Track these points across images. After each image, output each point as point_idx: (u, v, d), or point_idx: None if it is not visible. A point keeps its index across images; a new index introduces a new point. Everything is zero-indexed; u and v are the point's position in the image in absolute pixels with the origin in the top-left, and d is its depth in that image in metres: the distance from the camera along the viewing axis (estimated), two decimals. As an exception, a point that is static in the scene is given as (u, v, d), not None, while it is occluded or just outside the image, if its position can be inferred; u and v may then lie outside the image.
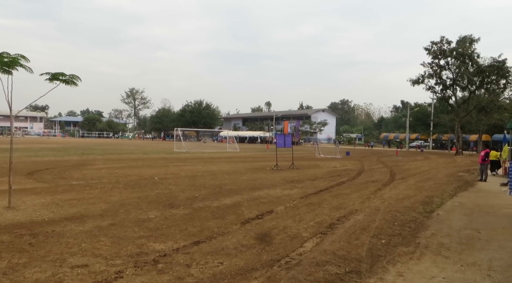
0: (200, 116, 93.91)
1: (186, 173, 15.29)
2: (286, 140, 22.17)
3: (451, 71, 44.24)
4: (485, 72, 41.85)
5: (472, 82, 43.71)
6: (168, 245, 5.26)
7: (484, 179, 15.03)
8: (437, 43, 43.24)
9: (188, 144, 45.18)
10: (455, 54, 42.68)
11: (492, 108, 43.72)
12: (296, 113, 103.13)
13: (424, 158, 34.23)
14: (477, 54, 42.67)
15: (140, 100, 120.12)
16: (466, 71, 42.65)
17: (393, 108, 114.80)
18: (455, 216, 7.90)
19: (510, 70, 41.32)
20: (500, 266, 4.72)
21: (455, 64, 43.43)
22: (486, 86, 43.66)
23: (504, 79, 42.36)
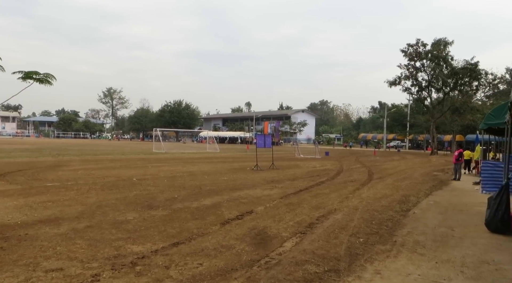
0: (180, 116, 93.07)
1: (165, 173, 15.12)
2: (266, 141, 22.26)
3: (426, 73, 45.47)
4: (459, 74, 43.20)
5: (446, 84, 45.02)
6: (146, 247, 5.18)
7: (458, 178, 15.48)
8: (413, 45, 44.35)
9: (167, 144, 44.68)
10: (430, 57, 43.90)
11: (465, 110, 45.16)
12: (276, 114, 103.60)
13: (401, 158, 34.99)
14: (451, 57, 44.07)
15: (118, 100, 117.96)
16: (440, 73, 43.90)
17: (371, 109, 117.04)
18: (430, 214, 8.10)
19: (482, 72, 42.80)
20: (472, 262, 4.87)
21: (430, 66, 44.65)
22: (459, 88, 45.06)
23: (476, 81, 43.86)
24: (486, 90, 47.27)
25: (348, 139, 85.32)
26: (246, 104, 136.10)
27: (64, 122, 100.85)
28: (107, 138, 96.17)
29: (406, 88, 47.05)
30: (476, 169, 17.97)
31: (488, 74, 43.57)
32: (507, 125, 7.05)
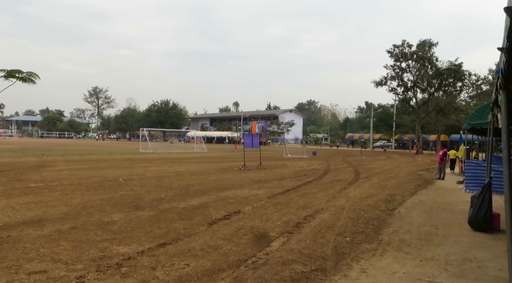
0: (167, 116, 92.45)
1: (152, 174, 15.00)
2: (253, 141, 22.24)
3: (412, 73, 46.12)
4: (443, 75, 43.94)
5: (431, 84, 45.73)
6: (132, 247, 5.13)
7: (442, 177, 15.73)
8: (398, 46, 44.94)
9: (154, 144, 44.32)
10: (415, 57, 44.56)
11: (449, 110, 45.95)
12: (263, 114, 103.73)
13: (387, 158, 35.40)
14: (436, 58, 44.83)
15: (104, 100, 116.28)
16: (425, 74, 44.60)
17: (358, 109, 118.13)
18: (415, 213, 8.22)
19: (466, 73, 43.62)
20: (456, 260, 4.96)
21: (416, 67, 45.32)
22: (444, 88, 45.82)
23: (460, 82, 44.68)
24: (469, 91, 48.28)
25: (335, 139, 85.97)
26: (234, 104, 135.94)
27: (49, 122, 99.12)
28: (94, 138, 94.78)
29: (392, 88, 47.68)
30: (460, 168, 18.29)
31: (471, 75, 44.47)
32: (489, 126, 7.20)
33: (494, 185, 7.21)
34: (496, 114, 5.07)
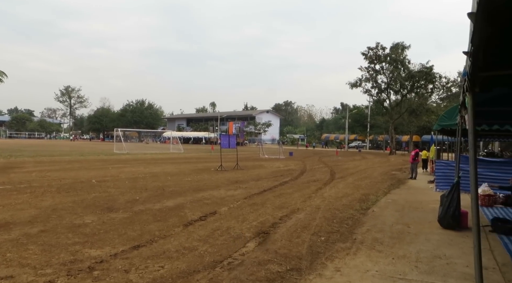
0: (142, 116, 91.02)
1: (127, 175, 14.72)
2: (230, 141, 22.22)
3: (385, 75, 47.17)
4: (415, 77, 45.17)
5: (404, 86, 46.90)
6: (105, 250, 5.02)
7: (414, 177, 16.17)
8: (373, 49, 45.88)
9: (129, 145, 43.53)
10: (389, 60, 45.60)
11: (421, 111, 47.33)
12: (241, 114, 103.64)
13: (362, 158, 36.07)
14: (408, 60, 46.02)
15: (77, 99, 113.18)
16: (398, 76, 45.72)
17: (334, 110, 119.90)
18: (388, 212, 8.40)
19: (436, 76, 45.02)
20: (426, 257, 5.11)
21: (389, 69, 46.40)
22: (416, 90, 47.10)
23: (431, 84, 46.04)
24: (440, 93, 49.73)
25: (311, 139, 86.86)
26: (211, 105, 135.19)
27: (17, 121, 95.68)
28: (67, 138, 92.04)
29: (366, 90, 48.62)
30: (431, 168, 18.86)
31: (442, 78, 45.89)
32: (458, 127, 7.44)
33: (463, 184, 7.46)
34: (463, 115, 5.25)
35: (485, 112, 6.89)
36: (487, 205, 9.20)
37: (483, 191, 9.42)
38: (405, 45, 45.48)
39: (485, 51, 2.59)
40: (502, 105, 6.58)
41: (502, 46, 2.90)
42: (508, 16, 2.20)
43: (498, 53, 2.97)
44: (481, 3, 1.70)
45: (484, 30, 2.12)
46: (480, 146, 36.71)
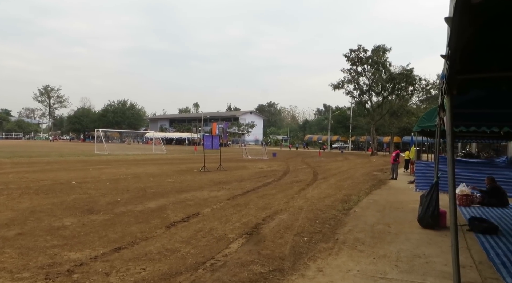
0: (124, 116, 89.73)
1: (108, 176, 14.49)
2: (214, 142, 22.09)
3: (367, 77, 47.91)
4: (396, 79, 46.01)
5: (385, 88, 47.70)
6: (85, 253, 4.93)
7: (395, 178, 16.45)
8: (355, 51, 46.53)
9: (110, 146, 42.86)
10: (370, 62, 46.34)
11: (402, 113, 48.22)
12: (224, 115, 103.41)
13: (344, 159, 36.47)
14: (389, 63, 46.85)
15: (56, 99, 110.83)
16: (380, 78, 46.47)
17: (317, 111, 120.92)
18: (369, 212, 8.52)
19: (416, 78, 45.97)
20: (406, 256, 5.20)
21: (371, 71, 47.12)
22: (397, 92, 47.96)
23: (412, 86, 46.98)
24: (420, 95, 50.79)
25: (294, 140, 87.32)
26: (194, 105, 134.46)
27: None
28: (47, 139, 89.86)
29: (348, 91, 49.25)
30: (411, 168, 19.22)
31: (421, 80, 46.87)
32: (437, 128, 7.61)
33: (442, 184, 7.64)
34: (442, 117, 5.37)
35: (462, 114, 7.07)
36: (465, 205, 9.44)
37: (461, 191, 9.66)
38: (386, 47, 46.32)
39: (462, 55, 2.67)
40: (478, 108, 6.77)
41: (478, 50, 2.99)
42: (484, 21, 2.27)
43: (474, 57, 3.05)
44: (457, 8, 1.75)
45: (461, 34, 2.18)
46: (458, 147, 37.61)
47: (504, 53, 3.32)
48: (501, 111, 7.05)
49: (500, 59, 3.40)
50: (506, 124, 8.14)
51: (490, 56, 3.33)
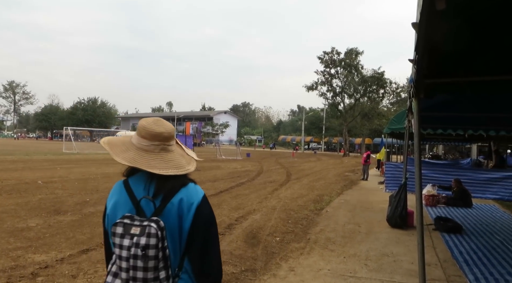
0: (95, 115, 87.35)
1: (77, 175, 14.06)
2: (187, 142, 21.91)
3: (340, 79, 48.79)
4: (368, 82, 47.11)
5: (357, 90, 48.75)
6: (50, 255, 4.76)
7: (366, 178, 16.82)
8: (328, 53, 47.28)
9: (80, 144, 41.63)
10: (343, 64, 47.21)
11: (373, 115, 49.39)
12: (198, 115, 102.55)
13: (317, 159, 36.96)
14: (361, 66, 47.90)
15: (22, 95, 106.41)
16: (352, 80, 47.45)
17: (291, 112, 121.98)
18: (340, 212, 8.67)
19: (387, 81, 47.22)
20: (375, 255, 5.33)
21: (343, 73, 48.00)
22: (368, 94, 49.12)
23: (383, 89, 48.22)
24: (390, 97, 52.21)
25: (269, 141, 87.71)
26: (167, 104, 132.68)
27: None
28: (10, 136, 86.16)
29: (322, 93, 49.97)
30: (381, 169, 19.71)
31: (392, 83, 48.21)
32: (406, 130, 7.84)
33: (410, 185, 7.87)
34: (410, 120, 5.54)
35: (430, 117, 7.31)
36: (431, 205, 9.77)
37: (428, 192, 10.00)
38: (358, 51, 47.32)
39: (429, 60, 2.76)
40: (445, 111, 7.02)
41: (444, 55, 3.10)
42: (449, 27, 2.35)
43: (441, 61, 3.17)
44: (423, 14, 1.81)
45: (427, 39, 2.25)
46: (426, 149, 38.87)
47: (469, 59, 3.46)
48: (466, 115, 7.33)
49: (465, 64, 3.54)
50: (470, 127, 8.48)
51: (455, 61, 3.46)
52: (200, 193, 1.59)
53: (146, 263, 1.35)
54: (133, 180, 1.55)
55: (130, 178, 1.57)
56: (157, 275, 1.38)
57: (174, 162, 1.55)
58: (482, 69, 3.62)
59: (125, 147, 1.56)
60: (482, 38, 2.86)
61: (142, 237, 1.34)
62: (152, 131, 1.53)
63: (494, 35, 2.80)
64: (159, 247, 1.36)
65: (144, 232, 1.35)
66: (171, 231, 1.45)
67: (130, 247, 1.35)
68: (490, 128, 8.31)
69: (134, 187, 1.52)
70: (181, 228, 1.48)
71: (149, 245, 1.34)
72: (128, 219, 1.39)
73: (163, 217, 1.43)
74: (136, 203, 1.48)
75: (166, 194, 1.48)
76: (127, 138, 1.60)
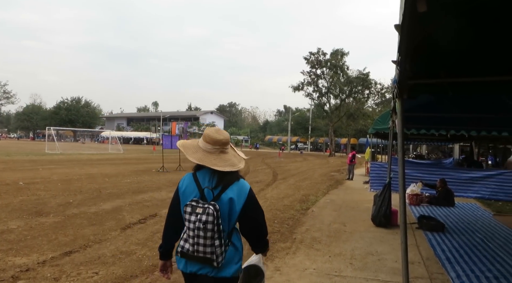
0: (78, 114, 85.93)
1: (60, 176, 13.81)
2: (173, 142, 21.70)
3: (326, 80, 49.11)
4: (353, 82, 47.58)
5: (342, 91, 49.19)
6: (32, 258, 4.67)
7: (351, 178, 16.98)
8: (314, 54, 47.57)
9: (63, 145, 40.91)
10: (329, 65, 47.56)
11: (358, 115, 49.97)
12: (184, 115, 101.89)
13: (303, 159, 37.14)
14: (347, 66, 48.34)
15: (3, 94, 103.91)
16: (338, 81, 47.84)
17: (277, 112, 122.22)
18: (326, 212, 8.74)
19: (372, 82, 47.80)
20: (360, 254, 5.38)
21: (329, 74, 48.36)
22: (354, 95, 49.61)
23: (368, 90, 48.77)
24: (375, 98, 52.82)
25: (255, 141, 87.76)
26: (153, 104, 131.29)
27: None
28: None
29: (308, 93, 50.25)
30: (366, 169, 19.93)
31: (377, 84, 48.79)
32: (390, 130, 7.94)
33: (394, 184, 7.98)
34: (394, 120, 5.62)
35: (414, 117, 7.42)
36: (415, 204, 9.92)
37: (412, 191, 10.15)
38: (344, 51, 47.76)
39: (411, 61, 2.80)
40: (428, 112, 7.15)
41: (427, 56, 3.15)
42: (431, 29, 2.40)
43: (423, 63, 3.22)
44: (405, 16, 1.84)
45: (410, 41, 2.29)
46: (410, 149, 39.48)
47: (451, 60, 3.53)
48: (448, 116, 7.48)
49: (447, 66, 3.61)
50: (452, 127, 8.65)
51: (438, 62, 3.53)
52: (248, 185, 2.20)
53: (205, 234, 1.98)
54: (200, 174, 2.15)
55: (197, 172, 2.17)
56: (213, 242, 2.01)
57: (230, 161, 2.12)
58: (463, 71, 3.69)
59: (195, 149, 2.16)
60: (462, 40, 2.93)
61: (203, 215, 1.96)
62: (214, 138, 2.12)
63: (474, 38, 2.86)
64: (215, 223, 1.98)
65: (205, 211, 1.97)
66: (223, 213, 2.05)
67: (195, 221, 1.98)
68: (472, 128, 8.49)
69: (200, 179, 2.13)
70: (231, 211, 2.08)
71: (207, 221, 1.96)
72: (195, 202, 2.03)
73: (219, 202, 2.04)
74: (201, 191, 2.09)
75: (224, 185, 2.08)
76: (195, 142, 2.20)
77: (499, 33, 2.93)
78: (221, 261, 2.08)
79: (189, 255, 2.08)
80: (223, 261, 2.09)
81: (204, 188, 2.08)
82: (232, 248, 2.15)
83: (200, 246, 2.01)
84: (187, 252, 2.08)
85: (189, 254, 2.07)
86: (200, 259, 2.06)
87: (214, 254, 2.03)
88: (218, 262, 2.06)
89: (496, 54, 3.36)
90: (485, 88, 4.27)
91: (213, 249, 2.02)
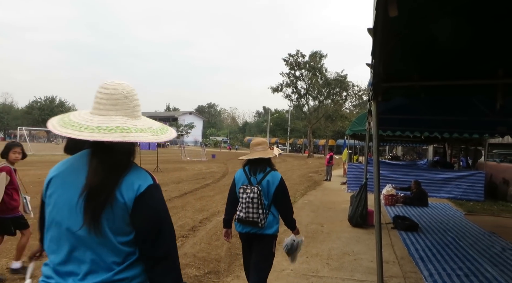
0: (52, 114, 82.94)
1: (32, 178, 13.38)
2: (151, 143, 21.44)
3: (304, 82, 49.54)
4: (331, 84, 48.19)
5: (321, 93, 49.71)
6: (1, 263, 4.51)
7: (329, 179, 17.18)
8: (293, 55, 47.90)
9: (36, 145, 39.74)
10: (308, 67, 48.00)
11: (336, 117, 50.59)
12: (162, 115, 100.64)
13: (282, 160, 37.30)
14: (325, 69, 48.89)
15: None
16: (316, 83, 48.33)
17: (256, 113, 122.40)
18: (304, 212, 8.81)
19: (350, 84, 48.56)
20: (336, 254, 5.45)
21: (308, 76, 48.81)
22: (332, 97, 50.22)
23: (346, 92, 49.51)
24: (353, 100, 53.66)
25: (234, 142, 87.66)
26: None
27: None
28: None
29: (287, 95, 50.52)
30: (344, 170, 20.21)
31: (354, 86, 49.57)
32: (367, 132, 8.09)
33: (370, 185, 8.11)
34: (370, 122, 5.71)
35: (389, 119, 7.58)
36: (390, 204, 10.13)
37: (387, 191, 10.36)
38: (322, 54, 48.29)
39: (385, 64, 2.86)
40: (403, 114, 7.31)
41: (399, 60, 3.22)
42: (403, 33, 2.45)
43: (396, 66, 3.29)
44: (377, 20, 1.88)
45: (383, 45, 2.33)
46: (386, 150, 40.31)
47: (423, 64, 3.62)
48: (422, 118, 7.68)
49: (419, 69, 3.70)
50: (426, 129, 8.89)
51: (410, 66, 3.62)
52: (279, 175, 3.34)
53: (253, 205, 3.11)
54: (247, 168, 3.35)
55: (245, 166, 3.37)
56: (258, 211, 3.11)
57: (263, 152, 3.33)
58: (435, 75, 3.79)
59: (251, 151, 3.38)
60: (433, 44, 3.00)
61: (251, 193, 3.13)
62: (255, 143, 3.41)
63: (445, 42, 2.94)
64: (259, 198, 3.12)
65: (252, 191, 3.14)
66: (263, 192, 3.19)
67: (246, 198, 3.14)
68: (444, 130, 8.74)
69: (247, 171, 3.32)
70: (268, 192, 3.22)
71: (253, 197, 3.11)
72: (245, 186, 3.23)
73: (261, 186, 3.19)
74: (248, 179, 3.28)
75: (263, 175, 3.24)
76: (251, 147, 3.41)
77: (470, 38, 3.03)
78: (264, 223, 3.16)
79: (243, 220, 3.18)
80: (265, 223, 3.18)
81: (251, 177, 3.26)
82: (271, 215, 3.25)
83: (249, 213, 3.11)
84: (242, 218, 3.17)
85: (243, 219, 3.16)
86: (250, 222, 3.14)
87: (259, 218, 3.11)
88: (262, 224, 3.14)
89: (466, 58, 3.47)
90: (456, 92, 4.41)
91: (258, 215, 3.10)
